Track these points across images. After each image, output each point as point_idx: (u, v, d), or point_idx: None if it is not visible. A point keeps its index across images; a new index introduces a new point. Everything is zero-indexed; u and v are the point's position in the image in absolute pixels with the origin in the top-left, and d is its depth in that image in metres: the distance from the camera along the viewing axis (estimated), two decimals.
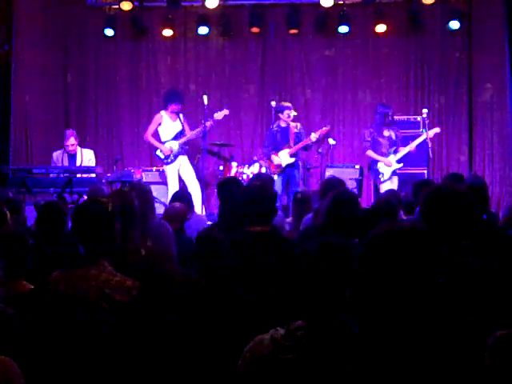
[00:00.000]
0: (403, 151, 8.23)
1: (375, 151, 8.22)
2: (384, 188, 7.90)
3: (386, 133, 8.26)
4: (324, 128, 8.47)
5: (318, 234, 3.67)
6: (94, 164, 8.43)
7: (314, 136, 8.27)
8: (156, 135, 8.65)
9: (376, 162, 8.24)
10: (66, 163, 8.29)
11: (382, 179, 8.19)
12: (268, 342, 1.64)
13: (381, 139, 8.23)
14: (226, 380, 1.97)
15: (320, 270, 1.88)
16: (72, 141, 8.36)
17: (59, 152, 8.49)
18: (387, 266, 1.48)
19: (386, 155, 8.19)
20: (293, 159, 8.43)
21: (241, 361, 1.70)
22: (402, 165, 8.25)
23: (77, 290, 2.70)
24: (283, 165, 8.41)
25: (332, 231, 3.53)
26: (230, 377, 1.90)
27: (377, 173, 8.24)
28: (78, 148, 8.49)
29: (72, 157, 8.39)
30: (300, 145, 8.39)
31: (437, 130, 8.40)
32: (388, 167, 8.17)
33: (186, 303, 1.85)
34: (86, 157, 8.43)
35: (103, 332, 2.38)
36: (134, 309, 1.95)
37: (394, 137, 8.25)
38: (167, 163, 8.52)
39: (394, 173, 8.19)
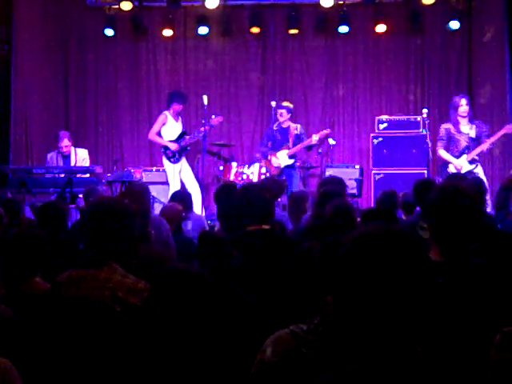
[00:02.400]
0: (476, 151, 7.46)
1: (450, 150, 7.54)
2: None
3: (464, 129, 7.50)
4: (324, 131, 8.45)
5: (308, 234, 3.69)
6: (88, 163, 8.44)
7: (314, 138, 8.26)
8: (158, 135, 8.67)
9: (447, 163, 7.59)
10: (60, 164, 8.30)
11: None
12: (290, 338, 1.62)
13: (458, 136, 7.51)
14: (229, 378, 1.97)
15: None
16: (66, 142, 8.35)
17: (53, 153, 8.48)
18: (366, 268, 1.47)
19: (459, 155, 7.53)
20: (292, 160, 8.43)
21: (260, 358, 1.66)
22: (474, 166, 7.51)
23: (89, 292, 2.62)
24: (282, 166, 8.41)
25: (318, 231, 3.55)
26: (237, 375, 1.89)
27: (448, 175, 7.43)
28: (72, 148, 8.48)
29: (66, 157, 8.39)
30: (300, 146, 8.38)
31: None
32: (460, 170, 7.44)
33: (198, 301, 1.85)
34: (80, 156, 8.42)
35: (114, 334, 2.34)
36: (146, 309, 1.94)
37: (473, 134, 7.44)
38: (174, 162, 8.52)
39: (466, 174, 7.24)
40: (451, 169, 7.55)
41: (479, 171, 7.51)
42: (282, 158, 8.42)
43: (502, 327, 1.88)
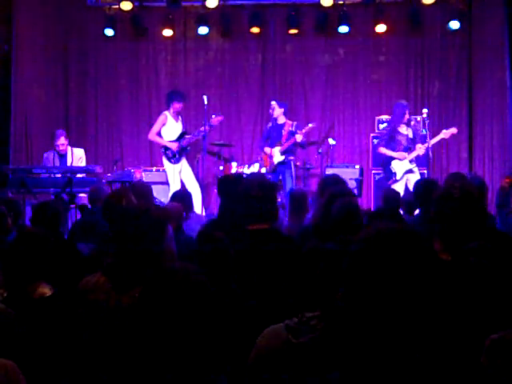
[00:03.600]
0: (413, 153, 8.09)
1: (392, 149, 8.15)
2: (397, 189, 7.67)
3: (403, 130, 8.17)
4: (310, 124, 8.53)
5: (313, 233, 3.68)
6: (84, 163, 8.43)
7: (299, 136, 8.35)
8: (158, 135, 8.69)
9: (390, 161, 8.16)
10: (56, 163, 8.28)
11: (394, 178, 8.09)
12: (283, 331, 1.64)
13: (398, 136, 8.16)
14: (228, 375, 1.97)
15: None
16: (62, 140, 8.34)
17: (49, 152, 8.46)
18: (379, 266, 1.48)
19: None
20: (282, 157, 8.50)
21: (255, 350, 1.70)
22: (414, 165, 8.16)
23: (119, 298, 2.58)
24: (275, 162, 8.52)
25: (326, 230, 3.54)
26: (235, 372, 1.90)
27: (390, 173, 8.15)
28: (69, 147, 8.48)
29: (62, 157, 8.38)
30: (287, 143, 8.47)
31: (453, 130, 8.24)
32: (401, 167, 8.08)
33: (190, 300, 1.85)
34: (77, 156, 8.41)
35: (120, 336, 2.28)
36: (138, 309, 1.93)
37: (411, 135, 8.16)
38: (174, 162, 8.53)
39: (406, 172, 8.11)
40: (394, 165, 8.13)
41: (416, 171, 8.18)
42: (275, 155, 8.52)
43: (498, 328, 1.88)
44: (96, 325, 2.46)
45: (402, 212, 5.67)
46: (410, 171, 8.12)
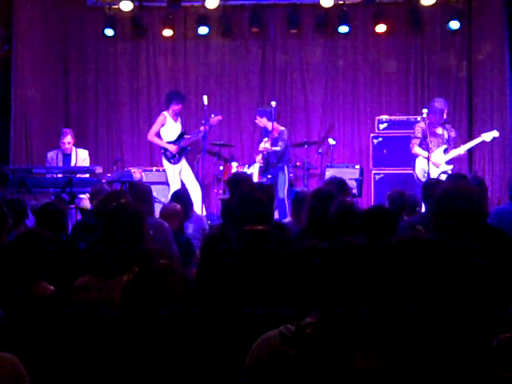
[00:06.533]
0: (454, 152, 7.74)
1: (424, 150, 7.72)
2: None
3: (439, 131, 7.82)
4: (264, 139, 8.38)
5: (303, 235, 3.70)
6: (88, 164, 8.42)
7: (279, 146, 8.29)
8: (157, 136, 8.69)
9: (422, 161, 7.76)
10: (60, 163, 8.27)
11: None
12: (278, 339, 1.62)
13: (432, 137, 7.74)
14: (225, 378, 1.97)
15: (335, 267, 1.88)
16: (69, 139, 8.29)
17: (54, 152, 8.45)
18: (403, 275, 1.48)
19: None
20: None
21: (249, 357, 1.68)
22: (452, 166, 7.77)
23: (110, 296, 2.61)
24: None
25: (313, 230, 3.55)
26: (231, 375, 1.89)
27: (422, 171, 7.75)
28: (73, 148, 8.47)
29: (67, 157, 8.36)
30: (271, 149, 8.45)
31: (495, 133, 7.86)
32: (436, 167, 7.64)
33: (169, 298, 1.86)
34: (81, 157, 8.39)
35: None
36: (123, 305, 1.94)
37: (446, 136, 7.77)
38: (174, 163, 8.54)
39: (442, 173, 7.60)
40: (430, 165, 7.57)
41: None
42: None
43: (500, 328, 1.88)
44: (87, 323, 2.47)
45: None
46: (444, 173, 7.58)
